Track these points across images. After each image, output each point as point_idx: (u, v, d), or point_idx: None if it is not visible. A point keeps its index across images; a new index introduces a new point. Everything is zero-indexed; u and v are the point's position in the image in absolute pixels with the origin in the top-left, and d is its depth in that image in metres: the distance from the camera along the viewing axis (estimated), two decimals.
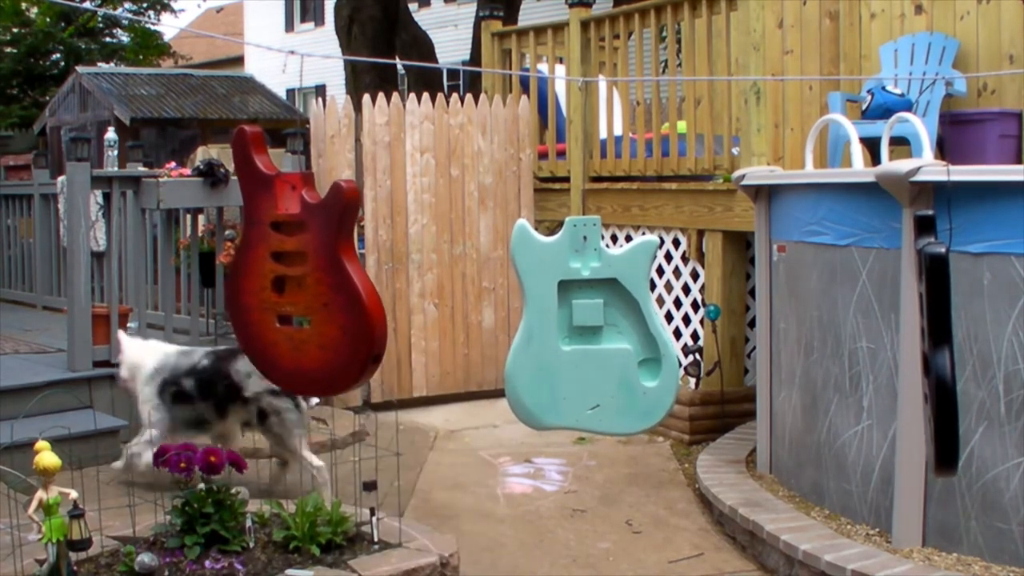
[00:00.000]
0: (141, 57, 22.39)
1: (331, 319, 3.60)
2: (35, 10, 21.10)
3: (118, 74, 14.00)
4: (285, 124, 11.74)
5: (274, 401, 5.03)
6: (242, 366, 4.97)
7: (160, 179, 6.40)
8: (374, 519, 4.12)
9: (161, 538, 3.99)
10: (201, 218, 7.15)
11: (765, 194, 5.23)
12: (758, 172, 5.32)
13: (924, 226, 3.12)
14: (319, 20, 26.27)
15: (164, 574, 3.75)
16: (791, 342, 4.96)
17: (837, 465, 4.56)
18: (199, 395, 5.12)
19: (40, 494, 3.53)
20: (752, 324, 6.27)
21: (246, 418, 5.13)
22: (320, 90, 22.28)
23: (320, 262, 3.60)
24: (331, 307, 3.60)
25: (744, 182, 5.29)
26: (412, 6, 16.29)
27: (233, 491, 4.06)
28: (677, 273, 6.75)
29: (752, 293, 6.31)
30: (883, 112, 5.62)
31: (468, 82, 15.86)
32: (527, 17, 13.23)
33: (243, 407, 5.09)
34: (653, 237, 3.59)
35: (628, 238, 7.05)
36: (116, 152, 7.44)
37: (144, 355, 5.27)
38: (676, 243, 6.71)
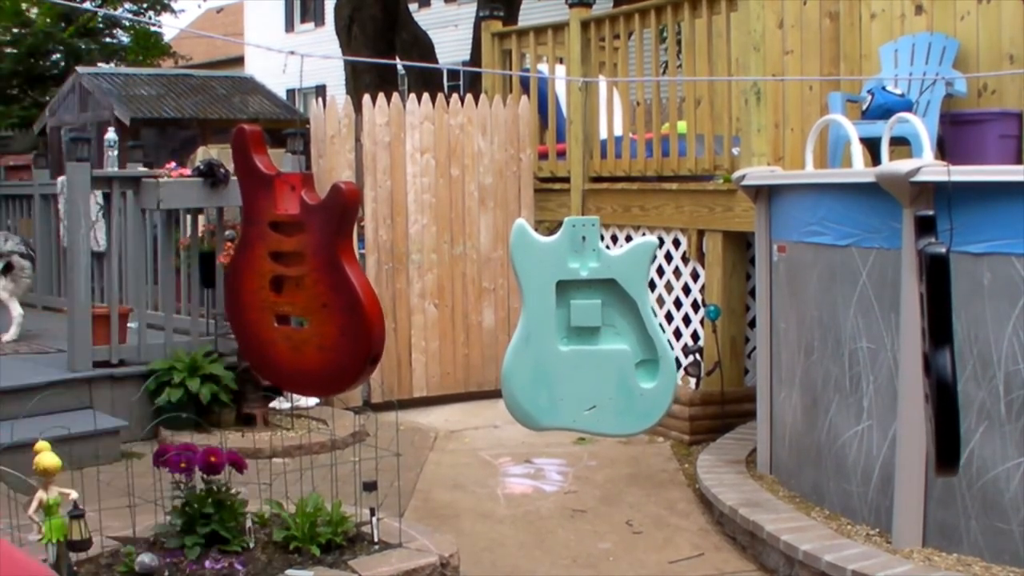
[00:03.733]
0: (141, 57, 22.38)
1: (330, 319, 3.61)
2: (35, 10, 21.09)
3: (118, 74, 13.98)
4: (285, 124, 11.72)
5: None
6: None
7: (160, 179, 6.39)
8: (374, 519, 4.12)
9: (161, 538, 3.99)
10: (201, 218, 7.15)
11: (765, 194, 5.23)
12: (758, 172, 5.31)
13: (925, 226, 3.12)
14: (319, 20, 26.27)
15: (164, 574, 3.75)
16: (791, 342, 4.95)
17: (837, 465, 4.56)
18: None
19: (40, 494, 3.53)
20: (752, 324, 6.27)
21: None
22: (320, 90, 22.27)
23: (319, 262, 3.61)
24: (330, 308, 3.60)
25: (744, 182, 5.29)
26: (412, 6, 16.29)
27: (234, 491, 4.06)
28: (677, 273, 6.74)
29: (752, 293, 6.30)
30: (883, 112, 5.61)
31: (468, 82, 15.85)
32: (527, 17, 13.23)
33: None
34: (652, 238, 3.59)
35: (628, 238, 7.05)
36: (116, 152, 7.43)
37: None
38: (676, 243, 6.70)
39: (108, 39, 22.42)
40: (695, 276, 6.60)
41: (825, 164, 5.94)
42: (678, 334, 6.74)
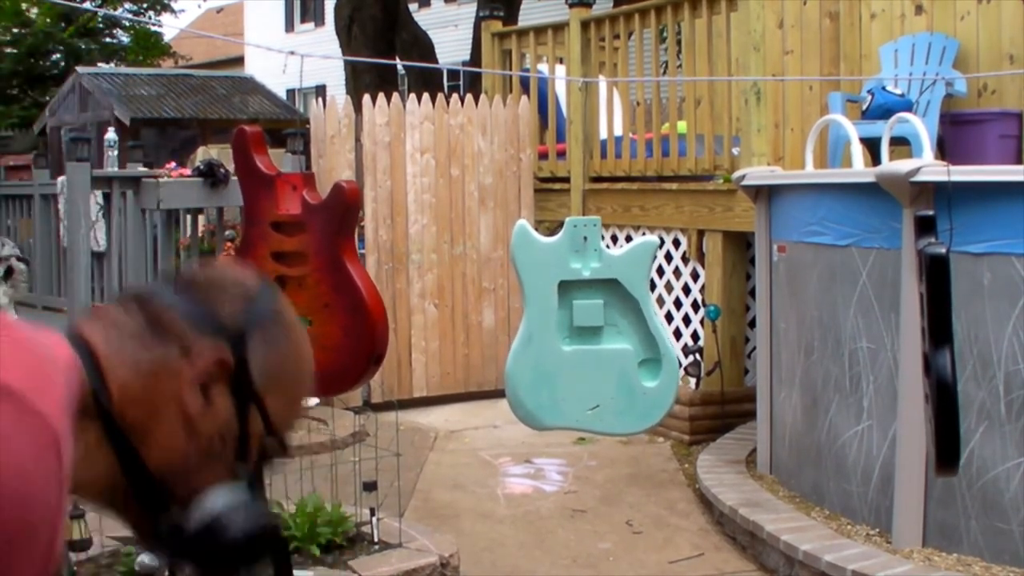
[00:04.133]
0: (141, 57, 22.39)
1: (332, 319, 3.60)
2: (35, 10, 21.10)
3: (118, 74, 14.00)
4: (285, 124, 11.73)
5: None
6: None
7: (160, 179, 6.40)
8: (374, 519, 4.12)
9: None
10: (201, 218, 7.15)
11: (765, 194, 5.23)
12: (758, 172, 5.32)
13: (924, 226, 3.12)
14: (319, 20, 26.26)
15: (164, 574, 3.75)
16: (791, 342, 4.96)
17: (837, 465, 4.56)
18: None
19: None
20: (752, 324, 6.27)
21: None
22: (320, 90, 22.25)
23: (321, 262, 3.61)
24: (332, 307, 3.60)
25: (744, 182, 5.29)
26: (412, 6, 16.29)
27: None
28: (677, 273, 6.74)
29: (752, 293, 6.30)
30: (883, 112, 5.61)
31: (468, 82, 15.85)
32: (527, 17, 13.23)
33: None
34: (653, 237, 3.60)
35: (628, 238, 7.05)
36: (116, 152, 7.44)
37: None
38: (676, 243, 6.70)
39: (108, 39, 22.44)
40: (695, 276, 6.60)
41: (825, 164, 5.95)
42: (678, 334, 6.74)
